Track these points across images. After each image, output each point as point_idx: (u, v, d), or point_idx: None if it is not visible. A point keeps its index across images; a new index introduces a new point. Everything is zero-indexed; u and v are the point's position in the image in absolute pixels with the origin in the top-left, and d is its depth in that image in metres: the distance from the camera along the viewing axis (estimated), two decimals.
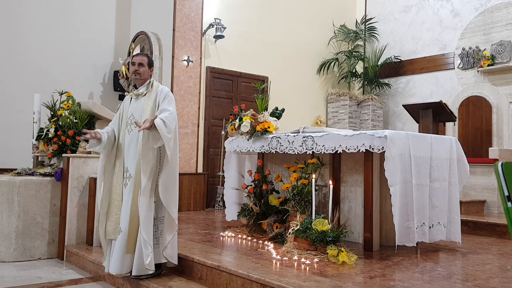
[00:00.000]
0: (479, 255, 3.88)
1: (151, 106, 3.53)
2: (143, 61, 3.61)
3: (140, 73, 3.58)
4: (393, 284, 2.84)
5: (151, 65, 3.69)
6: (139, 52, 4.24)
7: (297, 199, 4.15)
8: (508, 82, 7.46)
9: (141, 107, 3.56)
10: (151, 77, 3.68)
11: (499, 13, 7.69)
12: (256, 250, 3.86)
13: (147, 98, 3.58)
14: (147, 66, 3.62)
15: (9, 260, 4.68)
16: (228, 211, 5.22)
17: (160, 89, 3.60)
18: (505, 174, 1.46)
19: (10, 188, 4.76)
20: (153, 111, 3.51)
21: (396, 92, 9.29)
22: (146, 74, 3.62)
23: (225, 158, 5.34)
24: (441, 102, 5.73)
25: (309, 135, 4.17)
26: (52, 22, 6.99)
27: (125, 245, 3.37)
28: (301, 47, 8.95)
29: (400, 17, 9.30)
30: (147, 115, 3.50)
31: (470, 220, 5.20)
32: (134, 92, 3.66)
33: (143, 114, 3.52)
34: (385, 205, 4.01)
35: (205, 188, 7.11)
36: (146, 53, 3.96)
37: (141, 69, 3.58)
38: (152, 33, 6.89)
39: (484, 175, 6.13)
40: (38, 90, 5.78)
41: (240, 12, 8.13)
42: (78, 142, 5.10)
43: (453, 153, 4.24)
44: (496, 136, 6.78)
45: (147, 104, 3.55)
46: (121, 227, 3.41)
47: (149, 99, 3.57)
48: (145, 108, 3.54)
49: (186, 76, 7.15)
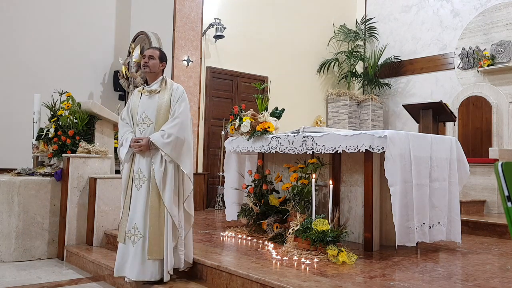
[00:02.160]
0: (479, 255, 3.88)
1: (165, 105, 3.39)
2: (154, 53, 3.48)
3: (149, 65, 3.44)
4: (393, 284, 2.84)
5: (163, 59, 3.53)
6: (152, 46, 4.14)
7: (297, 199, 4.15)
8: (508, 82, 7.46)
9: (154, 105, 3.40)
10: (163, 73, 3.54)
11: (499, 13, 7.69)
12: (256, 250, 3.86)
13: (161, 96, 3.42)
14: (158, 59, 3.47)
15: (9, 260, 4.68)
16: (228, 211, 5.22)
17: (175, 87, 3.47)
18: (505, 174, 1.46)
19: (10, 188, 4.76)
20: (167, 110, 3.38)
21: (396, 92, 9.29)
22: (157, 67, 3.47)
23: (225, 158, 5.34)
24: (441, 102, 5.72)
25: (309, 135, 4.17)
26: (52, 22, 7.00)
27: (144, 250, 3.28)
28: (301, 47, 8.95)
29: (400, 17, 9.30)
30: (161, 114, 3.38)
31: (470, 220, 5.20)
32: (147, 88, 3.49)
33: (158, 113, 3.38)
34: (385, 205, 4.01)
35: (205, 188, 7.11)
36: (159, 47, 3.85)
37: (150, 62, 3.44)
38: (152, 33, 6.90)
39: (484, 175, 6.13)
40: (38, 90, 5.78)
41: (240, 12, 8.13)
42: (78, 142, 5.10)
43: (453, 153, 4.23)
44: (496, 136, 6.77)
45: (161, 103, 3.40)
46: (140, 231, 3.30)
47: (163, 97, 3.41)
48: (159, 106, 3.39)
49: (186, 76, 7.15)
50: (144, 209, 3.33)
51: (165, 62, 3.56)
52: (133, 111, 3.50)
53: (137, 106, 3.47)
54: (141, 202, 3.34)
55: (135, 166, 3.42)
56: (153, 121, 3.39)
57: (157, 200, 3.31)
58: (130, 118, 3.53)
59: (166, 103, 3.41)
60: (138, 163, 3.40)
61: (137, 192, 3.36)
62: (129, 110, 3.55)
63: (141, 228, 3.31)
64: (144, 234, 3.30)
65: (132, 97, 3.59)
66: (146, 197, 3.34)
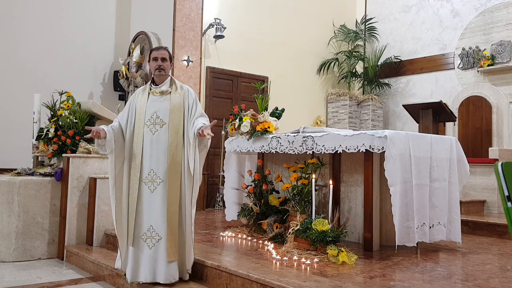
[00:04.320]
0: (479, 255, 3.88)
1: (178, 106, 3.37)
2: (166, 55, 3.43)
3: (164, 68, 3.40)
4: (393, 284, 2.84)
5: (171, 59, 3.51)
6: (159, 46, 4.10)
7: (297, 199, 4.15)
8: (508, 82, 7.46)
9: (166, 105, 3.36)
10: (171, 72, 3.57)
11: (499, 13, 7.69)
12: (256, 250, 3.86)
13: (174, 97, 3.39)
14: (169, 60, 3.45)
15: (9, 260, 4.68)
16: (228, 211, 5.22)
17: (187, 89, 3.47)
18: (505, 174, 1.46)
19: (10, 188, 4.76)
20: (181, 111, 3.36)
21: (396, 92, 9.29)
22: (169, 69, 3.46)
23: (225, 158, 5.34)
24: (441, 102, 5.72)
25: (309, 135, 4.17)
26: (52, 22, 7.00)
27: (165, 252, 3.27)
28: (301, 47, 8.95)
29: (400, 17, 9.30)
30: (175, 115, 3.35)
31: (470, 220, 5.19)
32: (157, 89, 3.43)
33: (172, 114, 3.35)
34: (385, 205, 4.01)
35: (205, 188, 7.11)
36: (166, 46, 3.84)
37: (165, 64, 3.40)
38: (152, 33, 6.90)
39: (484, 175, 6.13)
40: (38, 90, 5.78)
41: (240, 12, 8.13)
42: (78, 142, 5.10)
43: (453, 153, 4.23)
44: (496, 136, 6.77)
45: (174, 104, 3.37)
46: (158, 233, 3.29)
47: (176, 99, 3.38)
48: (173, 107, 3.36)
49: (186, 76, 7.15)
50: (161, 211, 3.29)
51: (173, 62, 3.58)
52: (139, 111, 3.40)
53: (144, 106, 3.39)
54: (158, 205, 3.29)
55: (144, 166, 3.33)
56: (166, 122, 3.35)
57: (176, 201, 3.28)
58: (126, 118, 3.44)
59: (179, 104, 3.38)
60: (150, 164, 3.33)
61: (151, 194, 3.31)
62: (129, 111, 3.46)
63: (159, 230, 3.28)
64: (163, 236, 3.28)
65: (135, 97, 3.48)
66: (162, 198, 3.29)
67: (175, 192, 3.29)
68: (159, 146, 3.33)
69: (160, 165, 3.32)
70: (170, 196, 3.28)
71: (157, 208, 3.29)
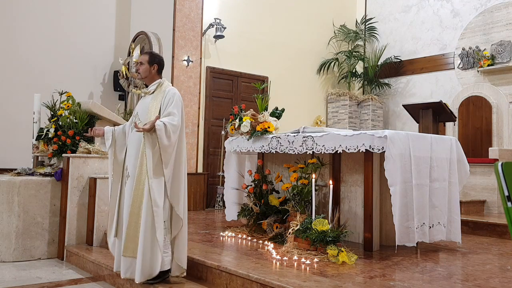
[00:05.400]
0: (479, 255, 3.88)
1: (155, 106, 3.42)
2: (142, 59, 3.53)
3: (140, 72, 3.53)
4: (393, 284, 2.84)
5: (153, 62, 3.51)
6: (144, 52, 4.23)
7: (297, 199, 4.15)
8: (508, 82, 7.46)
9: (146, 106, 3.47)
10: (159, 75, 3.54)
11: (499, 13, 7.69)
12: (256, 250, 3.86)
13: (153, 97, 3.47)
14: (147, 64, 3.50)
15: (9, 260, 4.68)
16: (228, 211, 5.22)
17: (167, 91, 3.45)
18: (505, 174, 1.46)
19: (10, 188, 4.76)
20: (156, 112, 3.38)
21: (396, 92, 9.29)
22: (147, 72, 3.50)
23: (225, 158, 5.34)
24: (441, 102, 5.72)
25: (309, 135, 4.17)
26: (52, 22, 7.00)
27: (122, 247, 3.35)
28: (301, 47, 8.95)
29: (400, 17, 9.30)
30: (151, 115, 3.37)
31: (470, 220, 5.20)
32: (144, 90, 3.58)
33: (148, 114, 3.41)
34: (385, 205, 4.01)
35: (205, 188, 7.11)
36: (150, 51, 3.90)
37: (140, 68, 3.52)
38: (152, 33, 6.90)
39: (484, 175, 6.13)
40: (38, 90, 5.78)
41: (240, 12, 8.13)
42: (78, 142, 5.10)
43: (453, 153, 4.23)
44: (496, 136, 6.78)
45: (152, 104, 3.44)
46: (123, 227, 3.39)
47: (154, 99, 3.45)
48: (150, 107, 3.43)
49: (186, 76, 7.15)
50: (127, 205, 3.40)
51: (157, 64, 3.53)
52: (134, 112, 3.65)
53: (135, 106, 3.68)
54: (127, 199, 3.42)
55: (125, 162, 3.55)
56: (142, 120, 3.43)
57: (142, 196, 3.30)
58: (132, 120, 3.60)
59: (157, 104, 3.43)
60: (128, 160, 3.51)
61: (125, 189, 3.48)
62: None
63: (125, 224, 3.39)
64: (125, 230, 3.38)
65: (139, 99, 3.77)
66: (129, 193, 3.41)
67: (139, 187, 3.32)
68: (135, 144, 3.45)
69: (131, 161, 3.46)
70: (134, 191, 3.35)
71: (127, 202, 3.42)
